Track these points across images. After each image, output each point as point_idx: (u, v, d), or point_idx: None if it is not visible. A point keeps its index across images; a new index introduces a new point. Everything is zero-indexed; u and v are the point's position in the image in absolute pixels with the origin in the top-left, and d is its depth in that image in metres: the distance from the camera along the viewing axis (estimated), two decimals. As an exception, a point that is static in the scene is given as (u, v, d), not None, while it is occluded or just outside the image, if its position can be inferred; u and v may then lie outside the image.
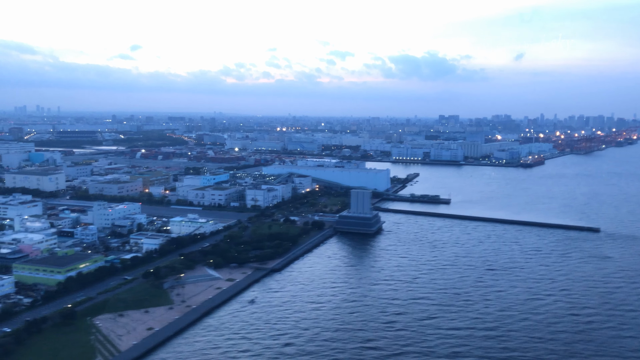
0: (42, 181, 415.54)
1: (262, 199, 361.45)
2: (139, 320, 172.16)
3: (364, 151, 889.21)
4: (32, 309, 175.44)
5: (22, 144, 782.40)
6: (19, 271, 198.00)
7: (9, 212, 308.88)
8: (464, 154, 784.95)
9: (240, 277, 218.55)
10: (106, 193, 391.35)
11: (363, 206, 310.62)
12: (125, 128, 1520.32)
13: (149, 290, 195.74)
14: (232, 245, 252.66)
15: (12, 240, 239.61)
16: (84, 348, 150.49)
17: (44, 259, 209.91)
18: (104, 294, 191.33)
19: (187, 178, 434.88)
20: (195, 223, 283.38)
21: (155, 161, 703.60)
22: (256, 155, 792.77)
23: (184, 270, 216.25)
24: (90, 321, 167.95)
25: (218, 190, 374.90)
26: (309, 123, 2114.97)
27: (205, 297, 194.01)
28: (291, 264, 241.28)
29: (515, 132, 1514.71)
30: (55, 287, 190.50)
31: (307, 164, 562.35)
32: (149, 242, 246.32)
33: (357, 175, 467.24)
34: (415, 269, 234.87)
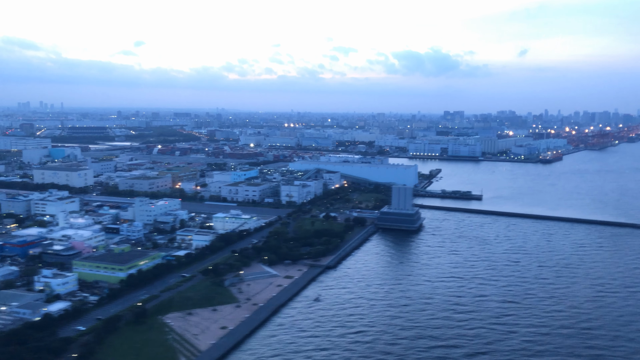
0: (71, 177, 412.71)
1: (296, 195, 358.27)
2: (209, 318, 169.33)
3: (379, 147, 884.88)
4: (100, 307, 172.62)
5: (39, 140, 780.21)
6: (79, 268, 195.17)
7: (48, 209, 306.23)
8: (481, 150, 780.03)
9: (296, 274, 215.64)
10: (137, 189, 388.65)
11: (405, 202, 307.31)
12: (133, 124, 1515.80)
13: (212, 288, 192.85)
14: (280, 241, 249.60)
15: (62, 237, 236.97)
16: (163, 347, 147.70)
17: (101, 256, 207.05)
18: (166, 291, 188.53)
19: (216, 174, 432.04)
20: (239, 219, 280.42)
21: (173, 157, 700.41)
22: (272, 151, 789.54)
23: (241, 267, 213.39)
24: (160, 320, 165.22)
25: (252, 187, 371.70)
26: (314, 119, 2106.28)
27: (268, 295, 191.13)
28: (343, 261, 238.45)
29: (522, 128, 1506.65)
30: (118, 284, 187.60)
31: (329, 159, 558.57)
32: (199, 239, 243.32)
33: (385, 171, 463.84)
34: (471, 266, 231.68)
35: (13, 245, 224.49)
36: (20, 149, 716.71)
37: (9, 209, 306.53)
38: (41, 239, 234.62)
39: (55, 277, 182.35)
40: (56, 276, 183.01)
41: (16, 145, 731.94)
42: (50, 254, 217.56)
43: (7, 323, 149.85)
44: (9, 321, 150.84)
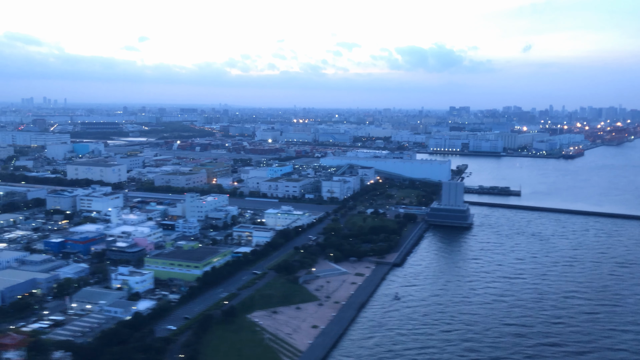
0: (105, 173, 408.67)
1: (338, 191, 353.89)
2: (296, 317, 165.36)
3: (397, 142, 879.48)
4: (182, 305, 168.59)
5: (58, 135, 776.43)
6: (152, 265, 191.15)
7: (94, 205, 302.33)
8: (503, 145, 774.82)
9: (366, 271, 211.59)
10: (173, 184, 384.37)
11: (455, 198, 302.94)
12: (143, 119, 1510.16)
13: (289, 286, 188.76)
14: (339, 238, 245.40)
15: (122, 234, 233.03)
16: (262, 348, 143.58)
17: (172, 253, 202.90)
18: (244, 289, 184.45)
19: (252, 170, 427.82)
20: (292, 215, 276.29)
21: (194, 152, 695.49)
22: (290, 146, 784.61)
23: (312, 264, 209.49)
24: (249, 318, 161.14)
25: (292, 182, 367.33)
26: (319, 115, 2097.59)
27: (347, 293, 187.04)
28: (407, 258, 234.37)
29: (531, 124, 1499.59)
30: (194, 282, 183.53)
31: (356, 154, 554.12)
32: (260, 235, 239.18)
33: (419, 167, 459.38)
34: (539, 264, 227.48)
35: (75, 242, 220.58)
36: (41, 144, 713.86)
37: (55, 204, 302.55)
38: (101, 236, 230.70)
39: (132, 275, 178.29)
40: (133, 274, 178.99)
41: (36, 141, 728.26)
42: (114, 250, 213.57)
43: (101, 322, 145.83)
44: (102, 320, 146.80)
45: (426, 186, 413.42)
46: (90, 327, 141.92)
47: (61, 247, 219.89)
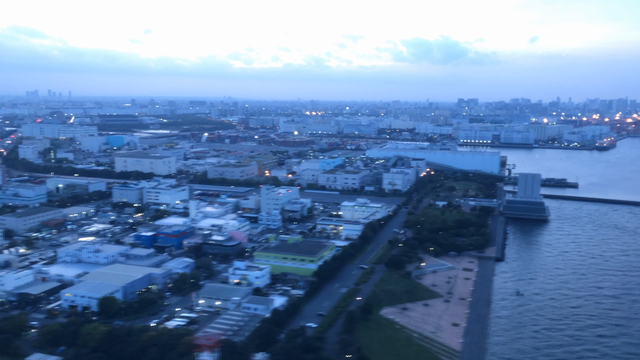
0: (155, 165, 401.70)
1: (400, 183, 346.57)
2: (427, 314, 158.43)
3: (424, 134, 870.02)
4: (308, 301, 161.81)
5: (86, 128, 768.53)
6: (262, 260, 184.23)
7: (162, 197, 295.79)
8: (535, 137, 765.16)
9: (470, 266, 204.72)
10: (228, 177, 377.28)
11: (532, 191, 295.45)
12: (157, 112, 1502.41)
13: (404, 281, 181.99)
14: (428, 232, 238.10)
15: (211, 227, 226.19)
16: (415, 346, 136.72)
17: (278, 247, 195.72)
18: (361, 284, 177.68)
19: (304, 162, 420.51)
20: (370, 208, 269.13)
21: (223, 144, 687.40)
22: (318, 138, 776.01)
23: (422, 259, 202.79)
24: (383, 315, 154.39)
25: (351, 174, 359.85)
26: (327, 107, 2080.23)
27: (466, 289, 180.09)
28: (504, 252, 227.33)
29: (543, 115, 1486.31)
30: (310, 277, 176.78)
31: (397, 146, 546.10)
32: (351, 229, 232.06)
33: (470, 159, 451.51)
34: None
35: (168, 235, 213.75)
36: (69, 136, 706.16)
37: (122, 197, 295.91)
38: (191, 229, 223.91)
39: (249, 269, 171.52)
40: (250, 269, 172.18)
41: (64, 133, 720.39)
42: (212, 244, 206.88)
43: (244, 319, 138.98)
44: (245, 317, 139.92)
45: (481, 178, 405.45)
46: (237, 325, 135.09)
47: (153, 240, 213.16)
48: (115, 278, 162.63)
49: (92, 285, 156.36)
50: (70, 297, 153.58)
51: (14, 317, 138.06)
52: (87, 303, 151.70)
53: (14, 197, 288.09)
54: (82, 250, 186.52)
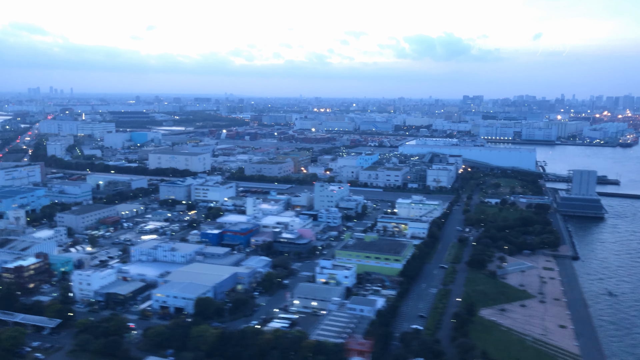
0: (191, 161, 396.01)
1: (445, 180, 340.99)
2: (528, 315, 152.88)
3: (442, 131, 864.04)
4: (403, 302, 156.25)
5: (104, 125, 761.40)
6: (343, 258, 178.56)
7: (210, 194, 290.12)
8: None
9: (549, 264, 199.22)
10: (266, 174, 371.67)
11: (587, 187, 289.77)
12: (167, 109, 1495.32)
13: (491, 281, 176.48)
14: (495, 230, 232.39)
15: (276, 224, 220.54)
16: (532, 349, 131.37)
17: (357, 245, 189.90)
18: (449, 284, 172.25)
19: (340, 159, 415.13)
20: (427, 205, 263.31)
21: (244, 141, 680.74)
22: (336, 135, 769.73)
23: (505, 258, 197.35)
24: (482, 316, 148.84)
25: (393, 171, 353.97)
26: (334, 104, 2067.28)
27: (555, 289, 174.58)
28: (576, 250, 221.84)
29: (551, 112, 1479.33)
30: (395, 276, 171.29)
31: (425, 142, 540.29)
32: (416, 227, 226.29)
33: (506, 155, 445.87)
34: None
35: (235, 233, 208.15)
36: (88, 133, 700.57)
37: (169, 194, 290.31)
38: (256, 227, 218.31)
39: (336, 268, 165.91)
40: (336, 268, 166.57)
41: (83, 129, 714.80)
42: (283, 242, 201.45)
43: (352, 320, 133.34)
44: (352, 319, 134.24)
45: (520, 175, 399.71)
46: (349, 327, 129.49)
47: (220, 238, 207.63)
48: (203, 278, 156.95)
49: (182, 285, 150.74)
50: (161, 298, 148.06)
51: (116, 319, 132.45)
52: (180, 304, 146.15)
53: (60, 195, 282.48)
54: (157, 248, 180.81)
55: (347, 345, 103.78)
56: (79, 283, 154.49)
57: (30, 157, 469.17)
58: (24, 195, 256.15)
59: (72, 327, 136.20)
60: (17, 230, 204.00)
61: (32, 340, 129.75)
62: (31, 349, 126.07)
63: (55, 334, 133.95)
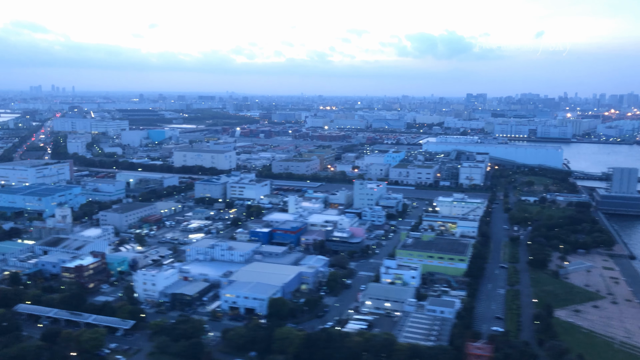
0: (217, 159, 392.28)
1: (479, 178, 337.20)
2: (607, 317, 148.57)
3: (455, 129, 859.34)
4: (474, 302, 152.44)
5: (118, 122, 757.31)
6: (404, 258, 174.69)
7: (246, 192, 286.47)
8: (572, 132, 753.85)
9: (609, 264, 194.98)
10: (294, 171, 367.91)
11: (628, 185, 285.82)
12: (174, 106, 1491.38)
13: (556, 282, 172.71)
14: (545, 229, 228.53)
15: (324, 223, 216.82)
16: (624, 354, 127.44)
17: (416, 244, 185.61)
18: (515, 285, 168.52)
19: (367, 156, 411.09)
20: (469, 204, 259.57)
21: (259, 139, 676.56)
22: (350, 133, 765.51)
23: (565, 258, 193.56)
24: (558, 318, 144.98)
25: (425, 169, 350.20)
26: (337, 102, 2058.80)
27: (623, 289, 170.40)
28: (630, 249, 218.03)
29: (557, 110, 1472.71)
30: (460, 277, 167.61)
31: (446, 140, 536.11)
32: (466, 226, 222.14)
33: (532, 153, 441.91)
34: None
35: (286, 232, 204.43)
36: (102, 130, 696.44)
37: (204, 192, 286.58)
38: (304, 225, 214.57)
39: (401, 268, 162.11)
40: (401, 268, 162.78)
41: (96, 127, 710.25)
42: (335, 241, 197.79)
43: (436, 322, 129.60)
44: (436, 320, 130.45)
45: (548, 172, 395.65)
46: (435, 330, 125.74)
47: (270, 237, 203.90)
48: (269, 277, 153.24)
49: (250, 285, 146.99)
50: (231, 298, 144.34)
51: (193, 320, 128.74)
52: (251, 304, 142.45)
53: (95, 192, 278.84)
54: (214, 247, 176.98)
55: (467, 350, 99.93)
56: (143, 283, 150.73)
57: (50, 154, 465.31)
58: (62, 193, 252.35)
59: (144, 329, 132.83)
60: (66, 229, 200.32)
61: (107, 342, 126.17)
62: (110, 350, 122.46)
63: (129, 336, 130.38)
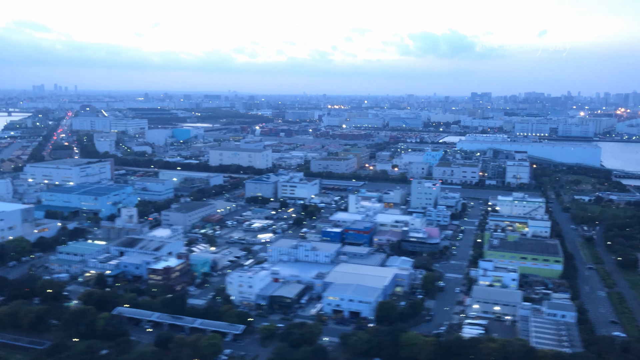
0: (254, 158, 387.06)
1: (526, 176, 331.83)
2: None
3: (474, 128, 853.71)
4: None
5: (137, 121, 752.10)
6: (495, 259, 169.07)
7: (298, 191, 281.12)
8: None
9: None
10: (333, 170, 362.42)
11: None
12: (183, 105, 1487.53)
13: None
14: (616, 229, 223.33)
15: (395, 223, 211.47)
16: None
17: (503, 245, 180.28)
18: (613, 287, 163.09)
19: (405, 155, 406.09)
20: (531, 203, 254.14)
21: (279, 138, 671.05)
22: (380, 132, 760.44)
23: None
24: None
25: (470, 167, 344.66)
26: (341, 101, 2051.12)
27: None
28: None
29: (564, 109, 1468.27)
30: (557, 279, 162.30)
31: (476, 138, 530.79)
32: (538, 226, 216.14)
33: (570, 152, 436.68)
34: None
35: (359, 232, 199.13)
36: (121, 129, 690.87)
37: (255, 191, 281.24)
38: (374, 225, 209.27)
39: (498, 270, 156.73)
40: (498, 270, 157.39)
41: (116, 126, 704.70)
42: (413, 242, 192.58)
43: (561, 327, 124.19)
44: (561, 325, 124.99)
45: (588, 171, 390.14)
46: (565, 336, 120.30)
47: (341, 237, 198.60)
48: (366, 280, 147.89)
49: (352, 288, 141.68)
50: (334, 301, 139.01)
51: (308, 325, 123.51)
52: (356, 308, 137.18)
53: (144, 192, 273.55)
54: (298, 248, 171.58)
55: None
56: (239, 285, 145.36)
57: (79, 153, 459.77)
58: (116, 193, 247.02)
59: (252, 334, 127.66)
60: (136, 230, 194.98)
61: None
62: (227, 357, 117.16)
63: (239, 341, 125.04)
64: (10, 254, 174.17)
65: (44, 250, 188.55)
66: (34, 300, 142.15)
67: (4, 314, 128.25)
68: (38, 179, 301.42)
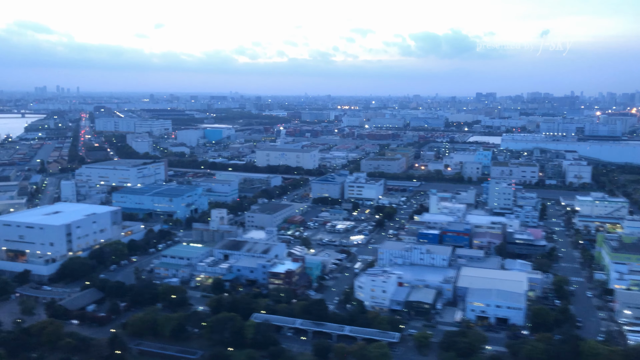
0: (302, 158, 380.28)
1: (588, 176, 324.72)
2: None
3: (496, 127, 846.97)
4: None
5: (162, 122, 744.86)
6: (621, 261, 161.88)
7: (365, 192, 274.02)
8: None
9: None
10: (384, 170, 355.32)
11: None
12: (194, 107, 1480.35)
13: None
14: None
15: (491, 224, 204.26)
16: None
17: (624, 246, 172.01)
18: None
19: (455, 155, 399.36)
20: (613, 203, 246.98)
21: (304, 138, 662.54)
22: (407, 132, 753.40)
23: None
24: None
25: (529, 167, 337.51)
26: (349, 102, 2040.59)
27: None
28: None
29: (572, 108, 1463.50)
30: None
31: (514, 137, 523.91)
32: (635, 227, 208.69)
33: (619, 151, 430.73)
34: None
35: (458, 234, 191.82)
36: (146, 130, 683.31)
37: (322, 192, 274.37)
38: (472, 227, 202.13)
39: (632, 274, 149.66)
40: (632, 273, 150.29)
41: (141, 127, 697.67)
42: (519, 244, 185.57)
43: None
44: None
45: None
46: None
47: (440, 239, 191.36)
48: (501, 284, 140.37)
49: (496, 293, 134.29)
50: (479, 307, 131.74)
51: (474, 333, 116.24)
52: (503, 314, 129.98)
53: (209, 193, 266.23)
54: (412, 251, 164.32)
55: None
56: (372, 290, 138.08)
57: (116, 154, 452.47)
58: (189, 194, 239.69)
59: (403, 341, 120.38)
60: (232, 232, 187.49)
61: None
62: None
63: (394, 349, 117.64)
64: (110, 257, 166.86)
65: (136, 253, 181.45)
66: (157, 306, 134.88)
67: (142, 322, 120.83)
68: (94, 180, 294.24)
